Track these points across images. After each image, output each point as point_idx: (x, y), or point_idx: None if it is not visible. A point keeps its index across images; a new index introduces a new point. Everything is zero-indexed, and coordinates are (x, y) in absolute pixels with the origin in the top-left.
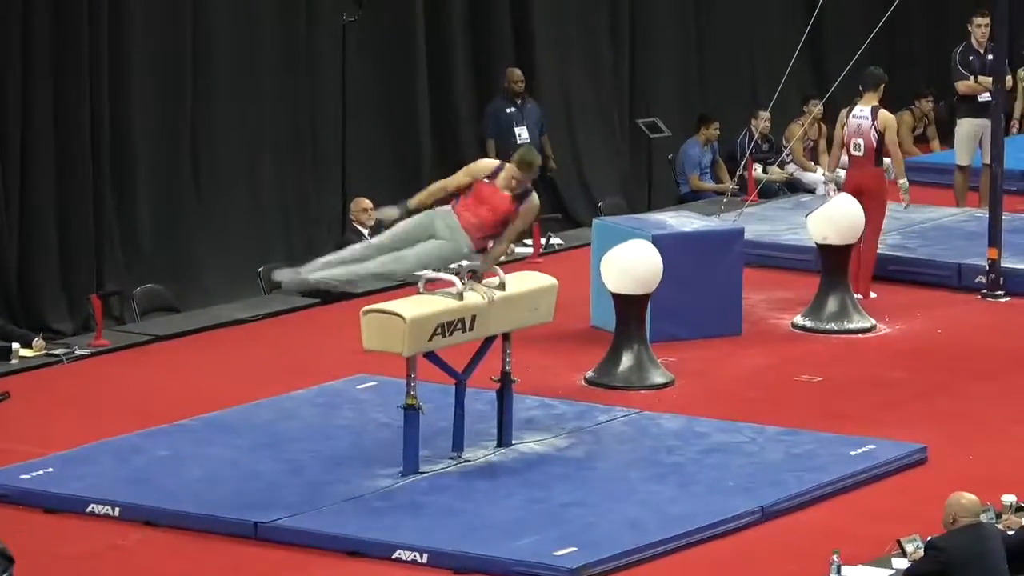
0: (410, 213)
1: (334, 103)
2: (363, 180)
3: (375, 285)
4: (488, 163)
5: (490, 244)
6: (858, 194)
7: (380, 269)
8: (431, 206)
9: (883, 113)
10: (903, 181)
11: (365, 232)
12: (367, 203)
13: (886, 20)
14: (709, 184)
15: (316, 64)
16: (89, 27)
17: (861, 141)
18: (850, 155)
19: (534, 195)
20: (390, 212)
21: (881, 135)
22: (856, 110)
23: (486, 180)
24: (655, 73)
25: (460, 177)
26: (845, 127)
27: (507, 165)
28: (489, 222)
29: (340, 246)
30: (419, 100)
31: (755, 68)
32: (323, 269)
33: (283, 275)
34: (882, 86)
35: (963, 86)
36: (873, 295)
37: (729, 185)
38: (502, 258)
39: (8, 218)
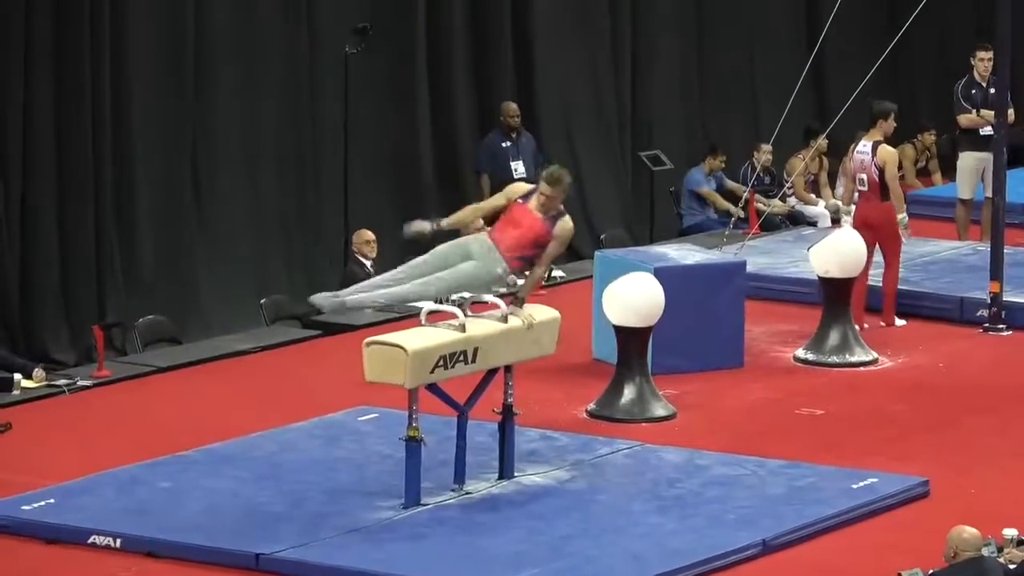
0: (441, 230)
1: (336, 134)
2: (365, 211)
3: (412, 308)
4: (522, 186)
5: (525, 270)
6: (866, 228)
7: (417, 291)
8: (460, 231)
9: (883, 148)
10: (902, 216)
11: (367, 264)
12: (369, 235)
13: (888, 53)
14: (722, 200)
15: (318, 95)
16: (91, 57)
17: (865, 176)
18: (857, 190)
19: (567, 217)
20: (422, 226)
21: (881, 170)
22: (860, 145)
23: (519, 201)
24: (657, 106)
25: (495, 199)
26: (851, 161)
27: (539, 187)
28: (524, 244)
29: (343, 279)
30: (421, 131)
31: (757, 101)
32: (359, 294)
33: (320, 299)
34: (887, 118)
35: (965, 119)
36: (901, 322)
37: (733, 208)
38: (503, 290)
39: (10, 249)
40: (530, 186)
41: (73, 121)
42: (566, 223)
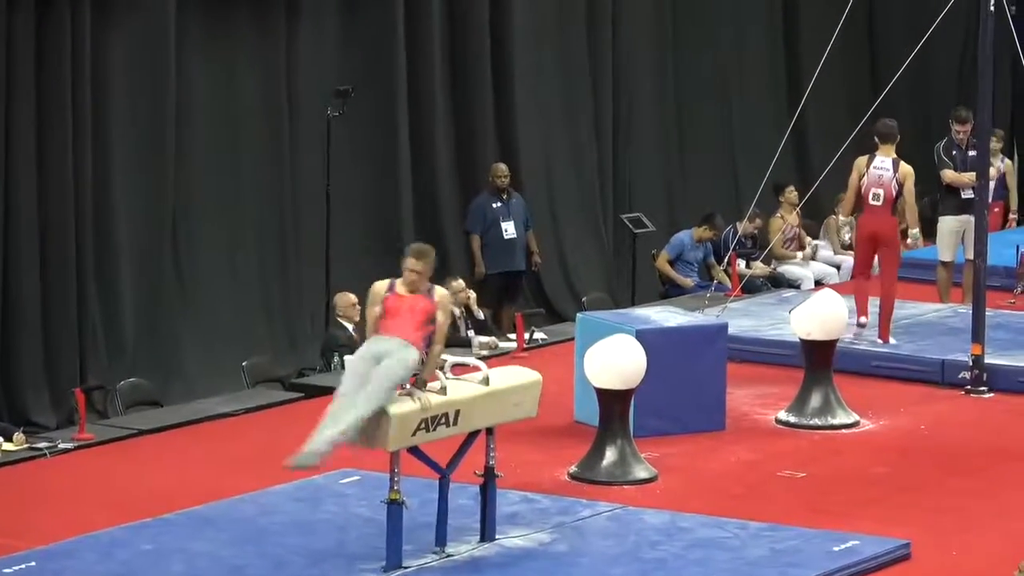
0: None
1: (318, 197)
2: (347, 274)
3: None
4: (380, 283)
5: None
6: (872, 241)
7: (367, 409)
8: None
9: (904, 165)
10: (915, 231)
11: (350, 327)
12: (353, 298)
13: (869, 118)
14: (674, 274)
15: (300, 158)
16: (73, 128)
17: (881, 191)
18: (867, 204)
19: (438, 287)
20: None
21: (901, 185)
22: (877, 161)
23: (388, 295)
24: (638, 169)
25: (372, 311)
26: (865, 176)
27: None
28: (417, 324)
29: (325, 342)
30: (402, 194)
31: (736, 164)
32: (326, 438)
33: (295, 461)
34: (898, 139)
35: (948, 175)
36: (894, 341)
37: (691, 281)
38: (484, 352)
39: None
40: (387, 280)
41: (55, 187)
42: (439, 291)
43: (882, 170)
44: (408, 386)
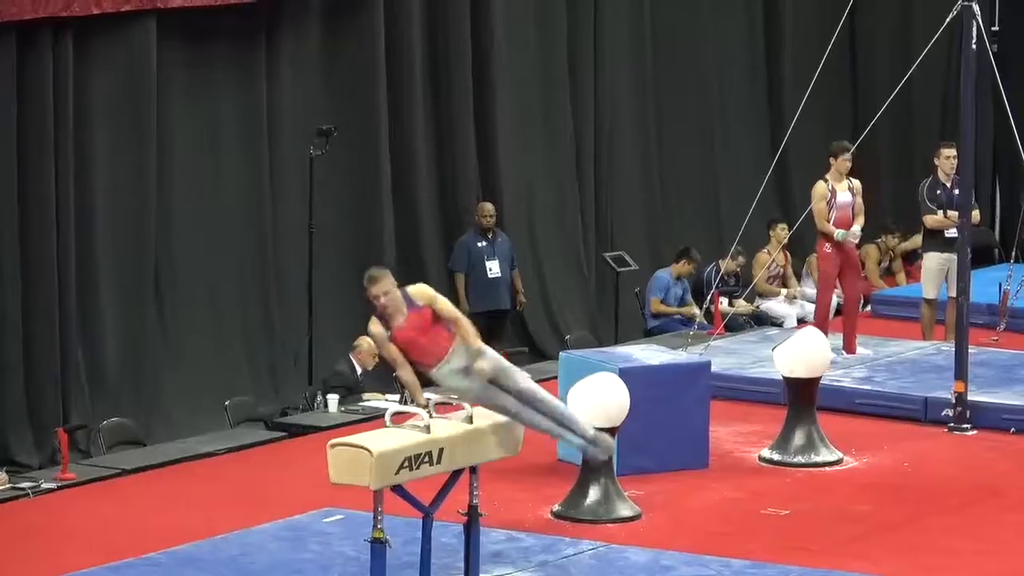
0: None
1: (300, 236)
2: (329, 312)
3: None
4: (372, 327)
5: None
6: (848, 266)
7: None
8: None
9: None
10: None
11: (359, 371)
12: (376, 348)
13: (853, 153)
14: (672, 308)
15: (282, 197)
16: (55, 163)
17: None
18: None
19: (410, 290)
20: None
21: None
22: (840, 193)
23: (395, 330)
24: (620, 208)
25: (391, 354)
26: (833, 207)
27: (376, 317)
28: (437, 332)
29: (329, 376)
30: (385, 232)
31: (720, 201)
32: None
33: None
34: (835, 156)
35: (931, 220)
36: (864, 350)
37: (695, 310)
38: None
39: None
40: (373, 323)
41: (36, 226)
42: (415, 291)
43: (851, 196)
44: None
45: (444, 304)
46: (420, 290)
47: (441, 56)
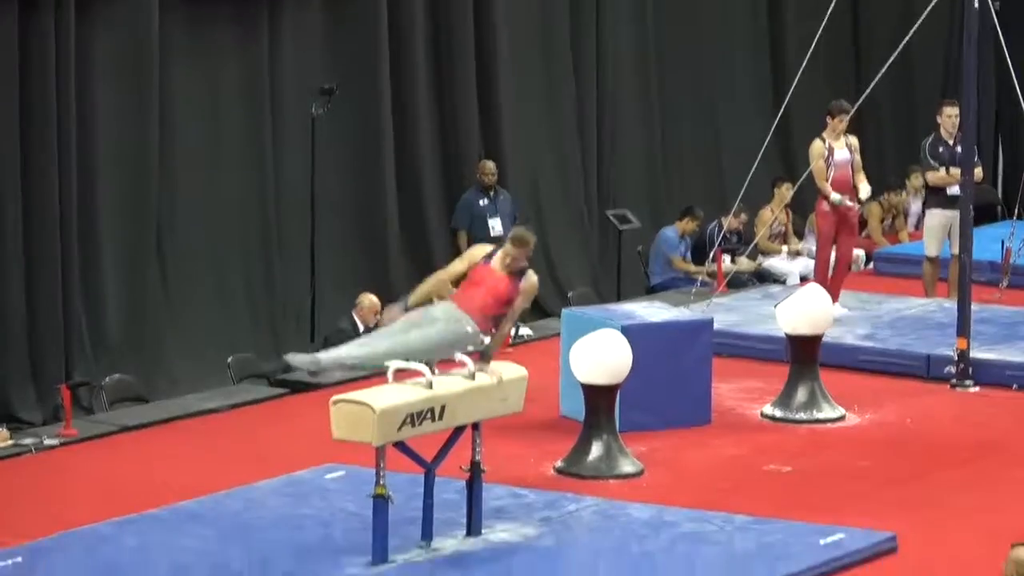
0: (408, 310)
1: (302, 195)
2: (331, 270)
3: (380, 367)
4: (483, 247)
5: (493, 328)
6: (845, 225)
7: (389, 351)
8: (431, 300)
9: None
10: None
11: (360, 329)
12: (377, 304)
13: (855, 110)
14: (692, 266)
15: (283, 156)
16: (58, 122)
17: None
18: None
19: (531, 273)
20: (394, 313)
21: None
22: (838, 151)
23: (482, 262)
24: (623, 165)
25: (456, 265)
26: (831, 164)
27: (503, 247)
28: (489, 303)
29: (330, 335)
30: (387, 190)
31: (722, 159)
32: (332, 352)
33: (295, 358)
34: (832, 116)
35: (933, 177)
36: (842, 309)
37: (713, 267)
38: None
39: None
40: (490, 246)
41: (39, 184)
42: (531, 278)
43: (850, 153)
44: (474, 363)
45: (519, 307)
46: (531, 283)
47: (443, 15)
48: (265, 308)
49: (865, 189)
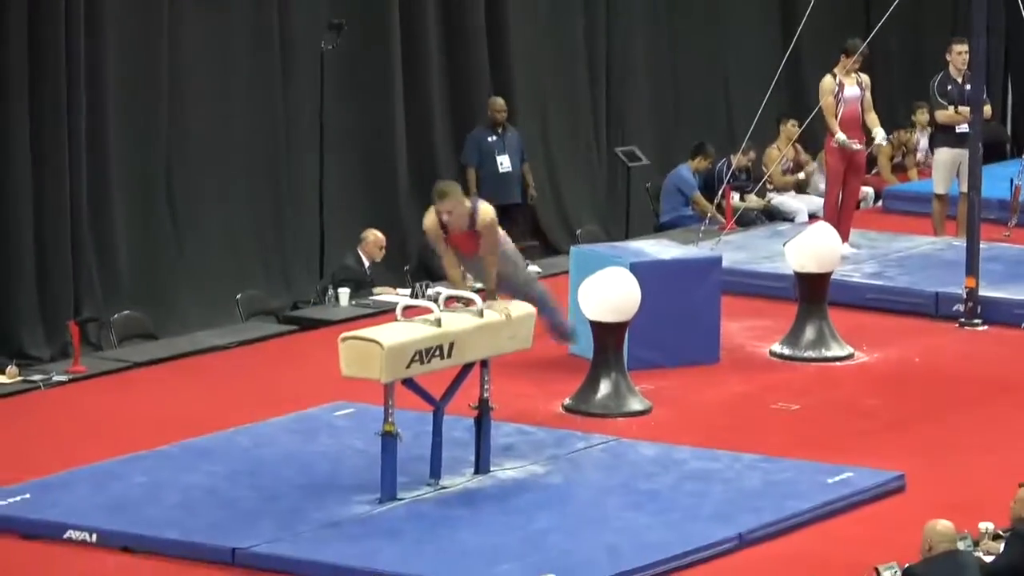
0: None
1: (311, 130)
2: (340, 207)
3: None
4: (431, 221)
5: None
6: (852, 164)
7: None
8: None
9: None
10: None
11: (366, 264)
12: (383, 240)
13: (863, 50)
14: (711, 204)
15: (292, 91)
16: (66, 60)
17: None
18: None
19: (481, 207)
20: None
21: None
22: (848, 87)
23: (443, 234)
24: (632, 103)
25: (444, 256)
26: (841, 101)
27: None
28: (471, 253)
29: (337, 270)
30: (396, 127)
31: (731, 98)
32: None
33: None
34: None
35: (942, 115)
36: (851, 248)
37: (713, 212)
38: (477, 285)
39: None
40: (434, 217)
41: (48, 122)
42: (482, 214)
43: (859, 91)
44: (482, 301)
45: (487, 240)
46: (485, 213)
47: None
48: (274, 246)
49: (880, 134)
